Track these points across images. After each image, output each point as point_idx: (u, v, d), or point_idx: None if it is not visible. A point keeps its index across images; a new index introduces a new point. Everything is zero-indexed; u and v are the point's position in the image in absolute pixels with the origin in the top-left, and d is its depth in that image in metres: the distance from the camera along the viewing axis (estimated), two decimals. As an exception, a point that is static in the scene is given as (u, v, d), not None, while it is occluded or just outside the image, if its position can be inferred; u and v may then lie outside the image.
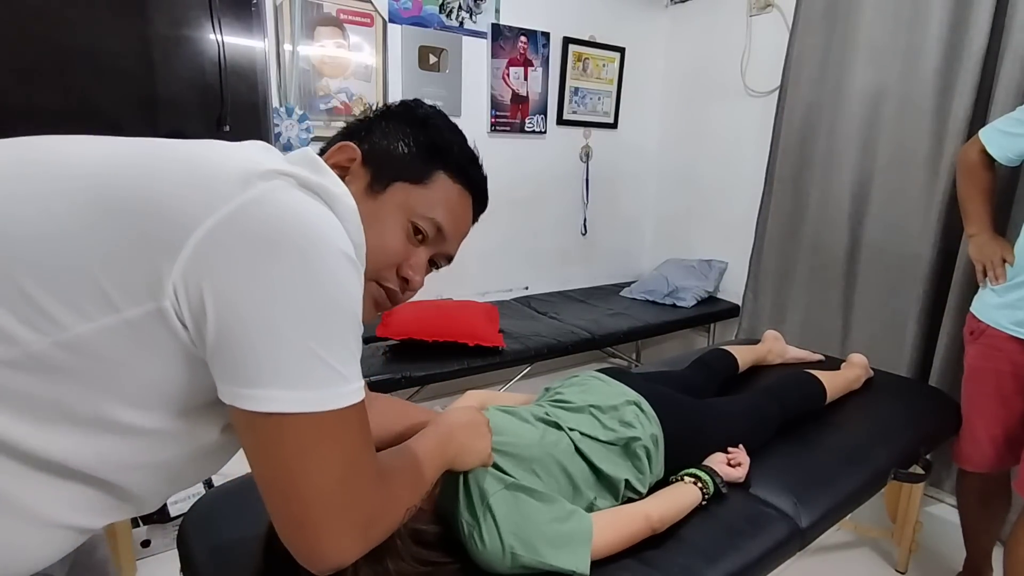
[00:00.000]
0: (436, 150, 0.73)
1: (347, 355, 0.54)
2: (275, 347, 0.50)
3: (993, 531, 1.64)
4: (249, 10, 1.81)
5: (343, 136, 0.74)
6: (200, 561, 0.99)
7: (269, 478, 0.54)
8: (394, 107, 0.77)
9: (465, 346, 2.07)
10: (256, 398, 0.51)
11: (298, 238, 0.51)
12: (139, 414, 0.54)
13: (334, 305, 0.53)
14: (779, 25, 2.63)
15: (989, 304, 1.49)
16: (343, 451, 0.55)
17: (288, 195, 0.54)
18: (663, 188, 3.38)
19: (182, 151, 0.57)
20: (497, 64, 2.70)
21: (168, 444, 0.57)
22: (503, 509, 0.90)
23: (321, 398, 0.52)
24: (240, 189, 0.52)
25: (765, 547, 1.07)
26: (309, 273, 0.51)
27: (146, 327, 0.50)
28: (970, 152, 1.55)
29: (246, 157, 0.57)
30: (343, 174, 0.69)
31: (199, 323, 0.50)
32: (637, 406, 1.22)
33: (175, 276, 0.49)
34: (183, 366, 0.53)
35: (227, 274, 0.49)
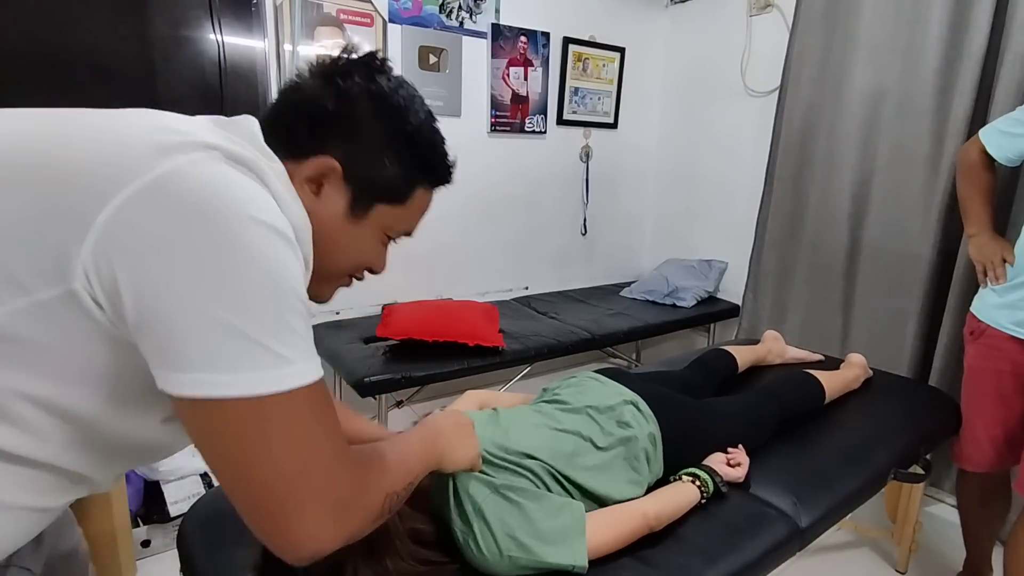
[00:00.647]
0: (422, 170, 0.69)
1: (286, 333, 0.51)
2: (198, 329, 0.47)
3: (993, 531, 1.64)
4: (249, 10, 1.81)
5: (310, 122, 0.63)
6: (200, 561, 0.99)
7: (217, 467, 0.52)
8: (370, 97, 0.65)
9: (465, 346, 2.07)
10: (184, 383, 0.48)
11: (216, 213, 0.48)
12: (71, 397, 0.52)
13: (261, 282, 0.49)
14: (779, 25, 2.63)
15: (989, 304, 1.49)
16: (295, 435, 0.51)
17: (208, 167, 0.50)
18: (663, 188, 3.38)
19: (95, 120, 0.53)
20: (497, 64, 2.70)
21: (110, 426, 0.55)
22: (494, 513, 0.90)
23: (256, 380, 0.49)
24: (155, 161, 0.48)
25: (765, 547, 1.07)
26: (229, 249, 0.48)
27: (60, 309, 0.48)
28: (970, 152, 1.55)
29: (167, 127, 0.53)
30: (317, 188, 0.63)
31: (116, 305, 0.48)
32: (634, 406, 1.22)
33: (84, 256, 0.46)
34: (106, 346, 0.50)
35: (140, 253, 0.46)
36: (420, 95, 0.69)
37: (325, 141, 0.63)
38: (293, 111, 0.64)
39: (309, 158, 0.62)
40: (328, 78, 0.64)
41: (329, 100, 0.63)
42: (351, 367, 1.94)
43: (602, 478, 1.08)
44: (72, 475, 0.57)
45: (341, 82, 0.64)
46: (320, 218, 0.62)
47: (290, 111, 0.64)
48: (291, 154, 0.62)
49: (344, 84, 0.63)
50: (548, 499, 0.97)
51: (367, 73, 0.65)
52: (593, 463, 1.08)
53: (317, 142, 0.63)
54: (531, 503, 0.94)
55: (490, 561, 0.89)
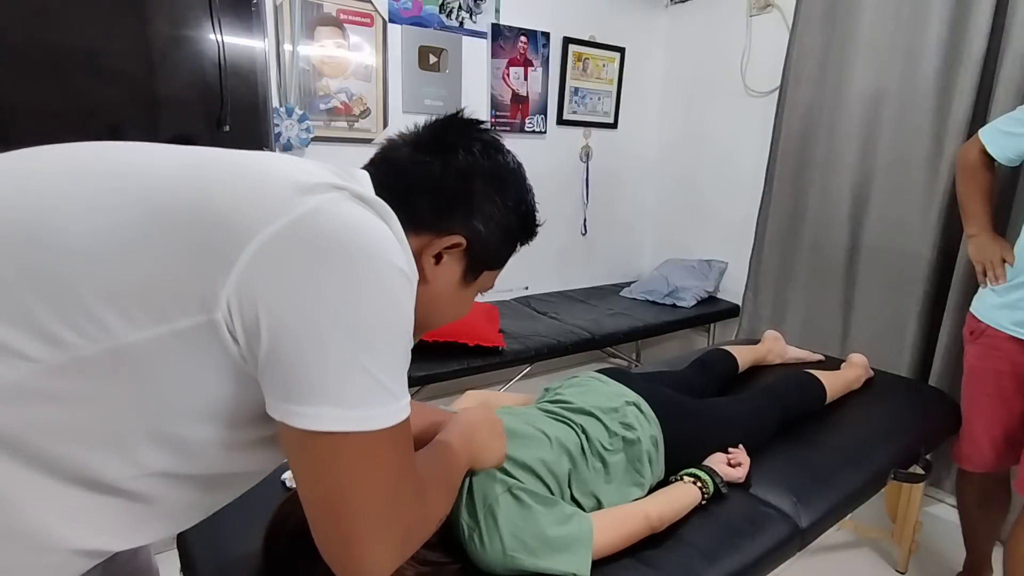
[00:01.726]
0: (524, 237, 0.75)
1: (398, 371, 0.54)
2: (327, 363, 0.49)
3: (993, 531, 1.64)
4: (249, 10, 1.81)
5: (435, 203, 0.65)
6: (200, 561, 0.99)
7: (317, 495, 0.54)
8: (492, 178, 0.68)
9: (465, 346, 2.07)
10: (307, 415, 0.50)
11: (354, 251, 0.50)
12: (185, 425, 0.53)
13: (388, 321, 0.52)
14: (779, 25, 2.63)
15: (989, 304, 1.49)
16: (391, 468, 0.55)
17: (344, 207, 0.53)
18: (663, 188, 3.38)
19: (235, 162, 0.56)
20: (497, 64, 2.70)
21: (212, 457, 0.57)
22: (504, 512, 0.90)
23: (372, 416, 0.52)
24: (295, 201, 0.51)
25: (765, 547, 1.07)
26: (364, 287, 0.50)
27: (196, 338, 0.49)
28: (970, 152, 1.55)
29: (300, 169, 0.56)
30: (437, 259, 0.66)
31: (251, 337, 0.49)
32: (637, 407, 1.22)
33: (229, 288, 0.48)
34: (231, 379, 0.52)
35: (281, 287, 0.48)
36: (522, 164, 0.74)
37: (448, 217, 0.66)
38: (415, 188, 0.65)
39: (433, 233, 0.65)
40: (448, 153, 0.66)
41: (452, 179, 0.66)
42: (351, 367, 1.94)
43: (607, 481, 1.08)
44: (157, 507, 0.57)
45: (463, 160, 0.66)
46: (436, 286, 0.67)
47: (412, 187, 0.65)
48: (415, 229, 0.63)
49: (466, 163, 0.66)
50: (559, 506, 0.96)
51: (484, 149, 0.68)
52: (599, 467, 1.09)
53: (441, 218, 0.65)
54: (542, 507, 0.94)
55: (491, 559, 0.89)
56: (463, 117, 0.71)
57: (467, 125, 0.70)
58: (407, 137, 0.69)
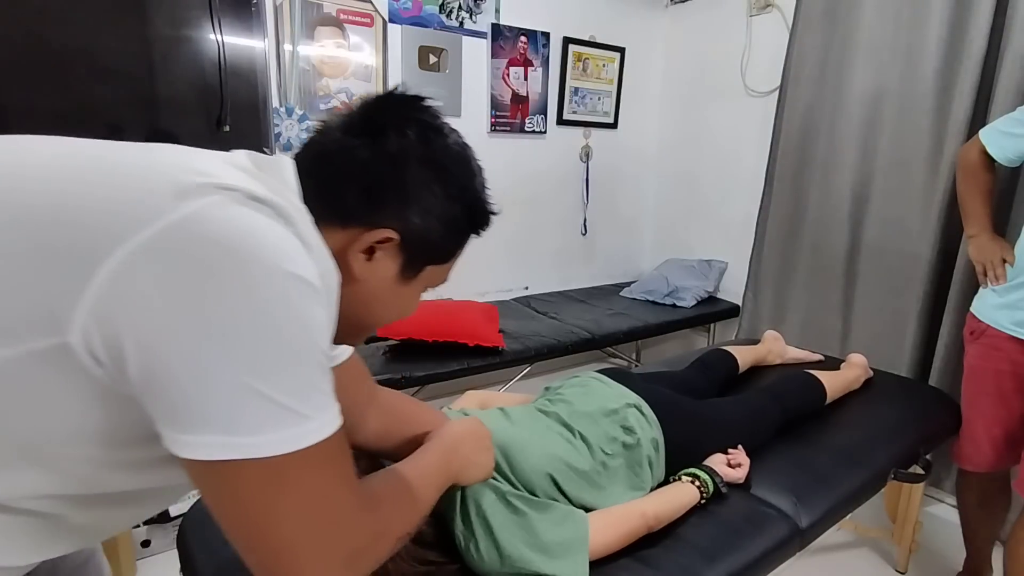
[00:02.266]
0: (472, 227, 0.67)
1: (305, 389, 0.48)
2: (208, 388, 0.43)
3: (993, 531, 1.64)
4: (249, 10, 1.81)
5: (365, 192, 0.58)
6: (200, 561, 0.99)
7: (230, 528, 0.50)
8: (427, 163, 0.60)
9: (465, 346, 2.07)
10: (192, 445, 0.44)
11: (235, 260, 0.44)
12: (59, 447, 0.48)
13: (282, 336, 0.46)
14: (779, 25, 2.63)
15: (989, 304, 1.49)
16: (310, 494, 0.49)
17: (228, 211, 0.46)
18: (663, 188, 3.38)
19: (106, 158, 0.50)
20: (497, 64, 2.70)
21: (104, 479, 0.53)
22: (498, 520, 0.90)
23: (272, 441, 0.46)
24: (168, 206, 0.44)
25: (765, 547, 1.07)
26: (248, 301, 0.44)
27: (54, 360, 0.44)
28: (970, 152, 1.55)
29: (186, 167, 0.49)
30: (369, 255, 0.60)
31: (117, 361, 0.44)
32: (637, 409, 1.22)
33: (83, 309, 0.42)
34: (99, 401, 0.46)
35: (147, 307, 0.42)
36: (468, 145, 0.65)
37: (379, 209, 0.59)
38: (342, 176, 0.59)
39: (362, 226, 0.58)
40: (379, 136, 0.59)
41: (383, 165, 0.58)
42: (351, 367, 1.93)
43: (606, 486, 1.08)
44: (51, 522, 0.54)
45: (395, 144, 0.59)
46: (370, 284, 0.61)
47: (338, 175, 0.59)
48: (340, 220, 0.58)
49: (398, 146, 0.59)
50: (553, 508, 0.96)
51: (421, 131, 0.60)
52: (599, 472, 1.08)
53: (370, 210, 0.59)
54: (536, 513, 0.93)
55: (488, 567, 0.89)
56: (400, 94, 0.63)
57: (403, 103, 0.62)
58: (338, 119, 0.61)
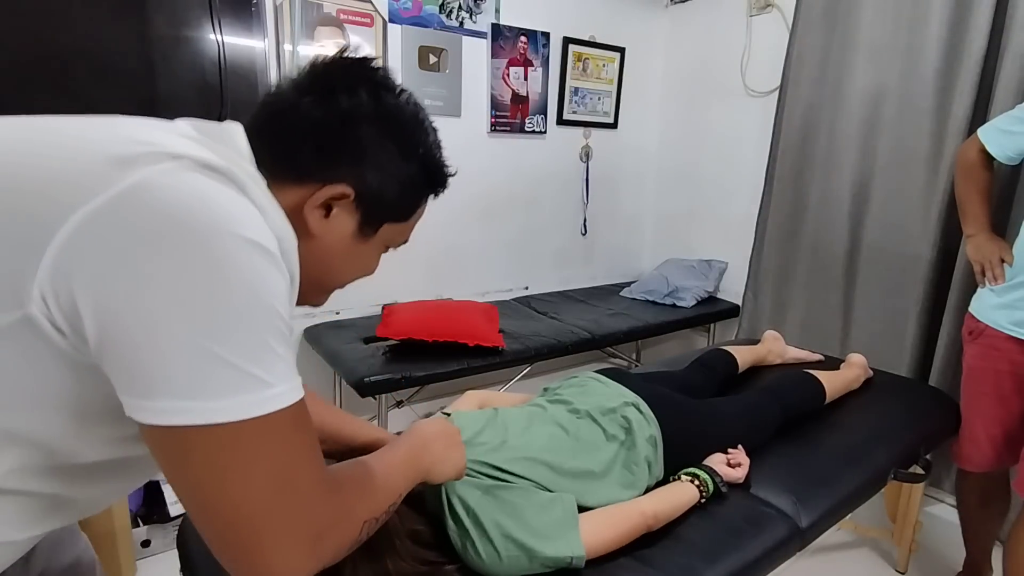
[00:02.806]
0: (428, 185, 0.68)
1: (264, 354, 0.47)
2: (165, 353, 0.44)
3: (993, 531, 1.64)
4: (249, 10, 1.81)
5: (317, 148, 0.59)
6: (200, 561, 1.00)
7: (186, 497, 0.49)
8: (379, 118, 0.61)
9: (465, 346, 2.07)
10: (151, 410, 0.45)
11: (188, 226, 0.44)
12: (33, 422, 0.49)
13: (239, 302, 0.46)
14: (779, 25, 2.63)
15: (988, 304, 1.49)
16: (271, 462, 0.49)
17: (178, 178, 0.46)
18: (663, 188, 3.38)
19: (54, 130, 0.51)
20: (497, 64, 2.70)
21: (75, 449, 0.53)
22: (487, 516, 0.91)
23: (230, 406, 0.46)
24: (119, 174, 0.45)
25: (765, 547, 1.07)
26: (202, 265, 0.44)
27: (15, 335, 0.45)
28: (969, 151, 1.55)
29: (132, 138, 0.49)
30: (326, 212, 0.61)
31: (77, 330, 0.44)
32: (636, 407, 1.22)
33: (41, 278, 0.43)
34: (68, 372, 0.47)
35: (101, 274, 0.43)
36: (421, 102, 0.66)
37: (333, 165, 0.60)
38: (295, 134, 0.60)
39: (317, 183, 0.59)
40: (330, 95, 0.60)
41: (335, 123, 0.59)
42: (351, 367, 1.94)
43: (599, 484, 1.08)
44: (52, 499, 0.54)
45: (346, 101, 0.60)
46: (327, 241, 0.62)
47: (291, 133, 0.60)
48: (296, 178, 0.59)
49: (350, 104, 0.60)
50: (537, 495, 0.97)
51: (372, 90, 0.61)
52: (592, 469, 1.08)
53: (324, 166, 0.60)
54: (521, 500, 0.94)
55: (489, 564, 0.89)
56: (349, 56, 0.64)
57: (354, 64, 0.63)
58: (289, 80, 0.63)
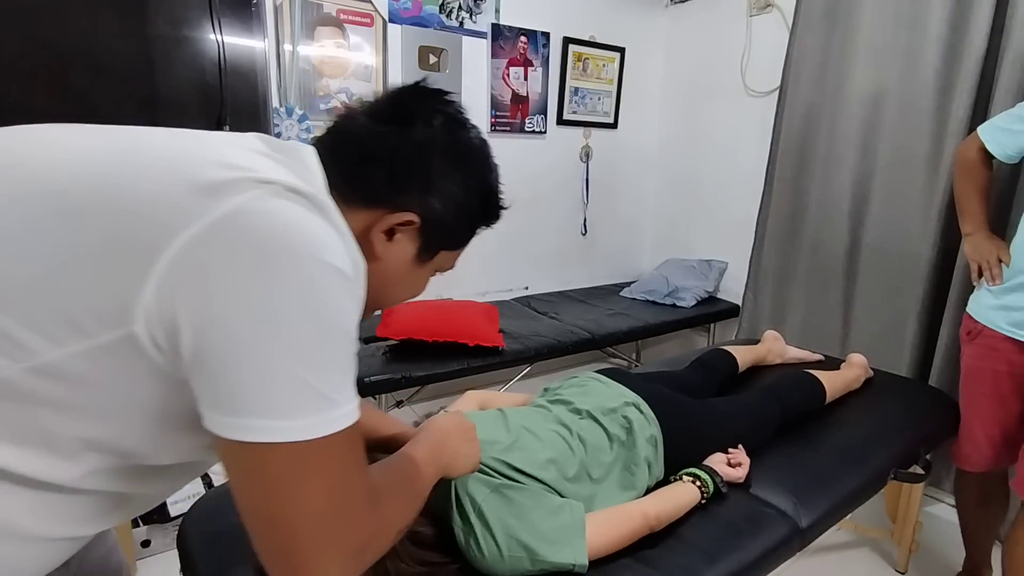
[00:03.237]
0: (485, 219, 0.71)
1: (339, 378, 0.51)
2: (260, 375, 0.47)
3: (992, 530, 1.65)
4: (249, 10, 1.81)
5: (390, 176, 0.62)
6: (200, 561, 0.99)
7: (252, 507, 0.51)
8: (452, 154, 0.65)
9: (465, 346, 2.07)
10: (238, 427, 0.47)
11: (284, 252, 0.47)
12: (120, 430, 0.52)
13: (327, 326, 0.49)
14: (779, 25, 2.63)
15: (985, 305, 1.49)
16: (332, 478, 0.51)
17: (269, 205, 0.49)
18: (663, 188, 3.38)
19: (153, 153, 0.52)
20: (497, 64, 2.70)
21: (152, 455, 0.56)
22: (495, 513, 0.91)
23: (308, 426, 0.48)
24: (215, 201, 0.47)
25: (765, 547, 1.07)
26: (298, 292, 0.47)
27: (117, 352, 0.47)
28: (968, 149, 1.55)
29: (224, 161, 0.51)
30: (389, 236, 0.63)
31: (175, 348, 0.47)
32: (636, 407, 1.22)
33: (146, 299, 0.45)
34: (160, 385, 0.50)
35: (201, 296, 0.45)
36: (487, 141, 0.70)
37: (403, 192, 0.63)
38: (370, 159, 0.62)
39: (386, 208, 0.62)
40: (407, 124, 0.62)
41: (410, 152, 0.62)
42: (351, 367, 1.93)
43: (599, 483, 1.08)
44: (116, 498, 0.57)
45: (422, 132, 0.62)
46: (388, 264, 0.64)
47: (366, 159, 0.62)
48: (366, 202, 0.61)
49: (425, 135, 0.63)
50: (547, 498, 0.97)
51: (447, 123, 0.64)
52: (593, 470, 1.08)
53: (395, 193, 0.62)
54: (530, 502, 0.94)
55: (491, 562, 0.89)
56: (426, 87, 0.66)
57: (430, 95, 0.66)
58: (364, 106, 0.65)
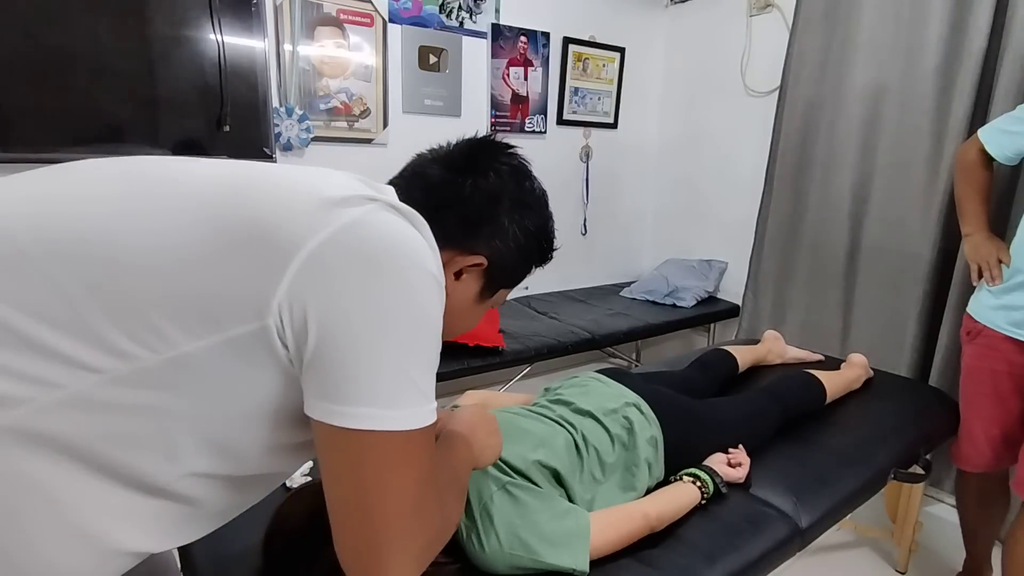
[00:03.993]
0: (540, 261, 0.78)
1: (430, 374, 0.57)
2: (374, 366, 0.52)
3: (992, 531, 1.65)
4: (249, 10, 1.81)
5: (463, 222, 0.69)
6: (200, 561, 0.99)
7: (345, 496, 0.55)
8: (519, 205, 0.73)
9: (465, 346, 2.07)
10: (349, 415, 0.52)
11: (397, 259, 0.53)
12: (235, 429, 0.56)
13: (427, 327, 0.55)
14: (779, 25, 2.63)
15: (985, 305, 1.49)
16: (419, 471, 0.56)
17: (382, 217, 0.55)
18: (663, 188, 3.38)
19: (277, 177, 0.59)
20: (497, 64, 2.70)
21: (253, 459, 0.59)
22: (501, 510, 0.90)
23: (407, 417, 0.54)
24: (336, 213, 0.54)
25: (765, 547, 1.07)
26: (408, 295, 0.53)
27: (248, 345, 0.52)
28: (969, 151, 1.55)
29: (333, 183, 0.58)
30: (458, 275, 0.70)
31: (299, 340, 0.52)
32: (637, 408, 1.22)
33: (280, 296, 0.51)
34: (280, 382, 0.54)
35: (328, 293, 0.51)
36: (546, 191, 0.78)
37: (474, 236, 0.70)
38: (445, 206, 0.68)
39: (457, 250, 0.69)
40: (480, 176, 0.70)
41: (482, 200, 0.70)
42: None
43: (600, 484, 1.08)
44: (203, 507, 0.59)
45: (494, 184, 0.70)
46: (453, 300, 0.69)
47: (442, 205, 0.68)
48: (440, 243, 0.65)
49: (495, 185, 0.70)
50: (555, 501, 0.97)
51: (513, 173, 0.73)
52: (594, 471, 1.08)
53: (466, 236, 0.69)
54: (537, 503, 0.94)
55: (490, 557, 0.89)
56: (495, 140, 0.75)
57: (498, 148, 0.74)
58: (438, 154, 0.73)
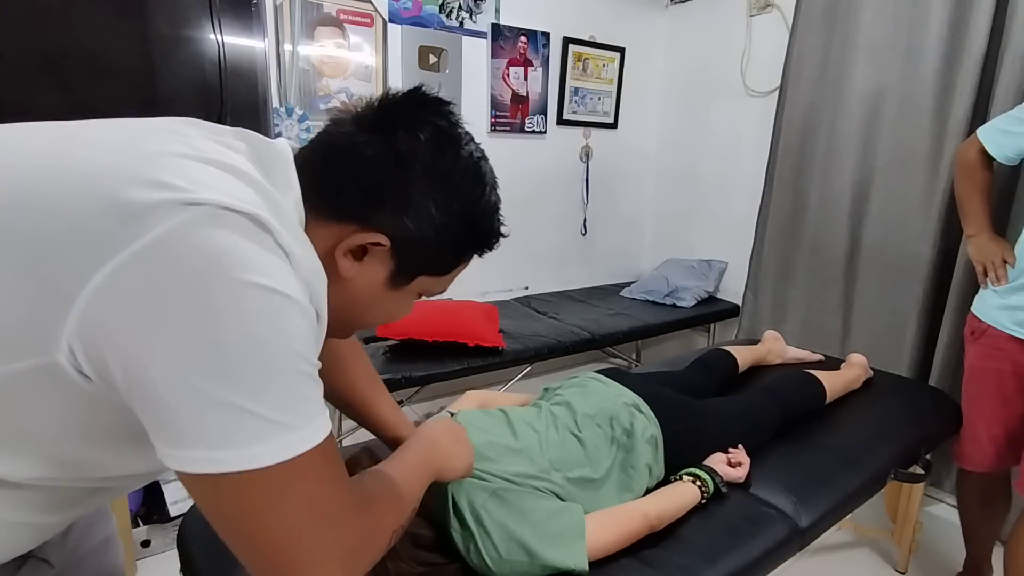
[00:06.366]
0: (474, 247, 0.66)
1: (287, 400, 0.48)
2: (187, 405, 0.44)
3: (993, 531, 1.64)
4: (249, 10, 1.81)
5: (364, 191, 0.57)
6: (200, 561, 0.99)
7: (225, 536, 0.51)
8: (434, 174, 0.59)
9: (465, 346, 2.07)
10: (181, 459, 0.46)
11: (205, 281, 0.44)
12: (58, 447, 0.51)
13: (263, 351, 0.46)
14: (779, 25, 2.63)
15: (990, 304, 1.49)
16: (302, 500, 0.50)
17: (198, 233, 0.45)
18: (663, 188, 3.38)
19: (86, 164, 0.48)
20: (497, 64, 2.70)
21: (114, 464, 0.56)
22: (493, 517, 0.90)
23: (259, 454, 0.46)
24: (137, 227, 0.44)
25: (765, 547, 1.07)
26: (223, 318, 0.45)
27: (41, 376, 0.46)
28: (968, 151, 1.55)
29: (154, 178, 0.46)
30: (360, 256, 0.59)
31: (104, 376, 0.45)
32: (636, 407, 1.22)
33: (69, 329, 0.43)
34: (97, 409, 0.48)
35: (127, 327, 0.43)
36: (487, 160, 0.64)
37: (375, 210, 0.58)
38: (344, 170, 0.58)
39: (355, 225, 0.58)
40: (389, 135, 0.57)
41: (387, 165, 0.57)
42: (351, 367, 1.93)
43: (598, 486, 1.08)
44: (76, 491, 0.57)
45: (404, 144, 0.57)
46: (356, 285, 0.61)
47: (341, 169, 0.58)
48: (336, 216, 0.58)
49: (406, 148, 0.57)
50: (547, 501, 0.97)
51: (434, 136, 0.59)
52: (593, 472, 1.08)
53: (366, 209, 0.58)
54: (529, 504, 0.94)
55: (491, 566, 0.89)
56: (426, 94, 0.61)
57: (422, 104, 0.60)
58: (355, 110, 0.60)
